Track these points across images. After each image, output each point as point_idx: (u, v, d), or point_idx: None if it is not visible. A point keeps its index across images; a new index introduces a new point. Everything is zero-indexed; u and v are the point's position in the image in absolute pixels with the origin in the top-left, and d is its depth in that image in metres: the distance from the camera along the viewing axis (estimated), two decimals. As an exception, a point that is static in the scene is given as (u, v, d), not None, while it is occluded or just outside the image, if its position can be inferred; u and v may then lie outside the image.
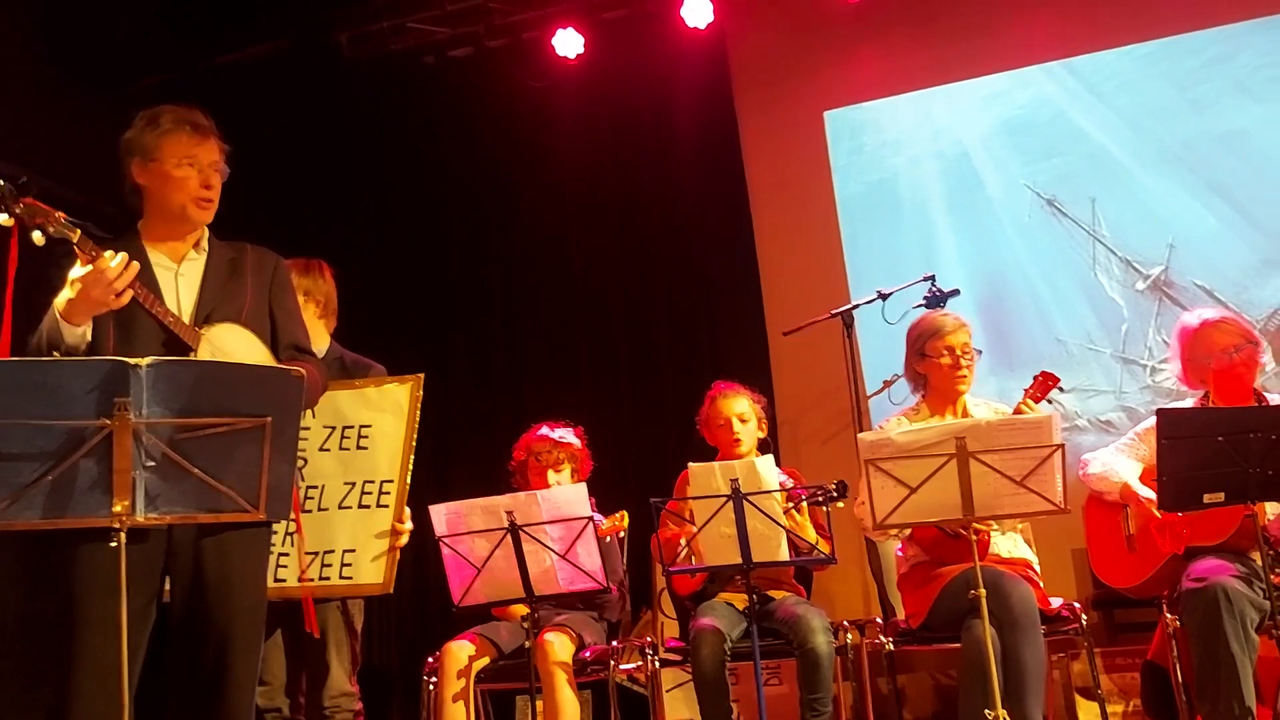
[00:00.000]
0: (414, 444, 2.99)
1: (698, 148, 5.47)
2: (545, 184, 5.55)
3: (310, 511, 2.97)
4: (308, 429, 2.94)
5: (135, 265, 2.28)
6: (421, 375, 3.06)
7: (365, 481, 2.99)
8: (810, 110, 5.52)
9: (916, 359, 3.32)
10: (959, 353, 3.23)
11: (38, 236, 2.21)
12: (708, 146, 5.47)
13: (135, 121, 2.52)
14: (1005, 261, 5.14)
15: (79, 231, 2.26)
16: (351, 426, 3.04)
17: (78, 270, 2.27)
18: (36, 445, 1.97)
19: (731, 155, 5.49)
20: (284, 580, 2.93)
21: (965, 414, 3.28)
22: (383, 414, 3.03)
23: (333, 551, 2.94)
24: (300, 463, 2.90)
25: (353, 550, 2.93)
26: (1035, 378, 3.11)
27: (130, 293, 2.29)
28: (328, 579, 2.94)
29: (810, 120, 5.51)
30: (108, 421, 1.97)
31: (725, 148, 5.48)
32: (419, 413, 3.01)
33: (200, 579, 2.34)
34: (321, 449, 3.03)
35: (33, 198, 2.21)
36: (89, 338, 2.34)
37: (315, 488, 3.00)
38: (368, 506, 2.96)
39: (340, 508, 2.96)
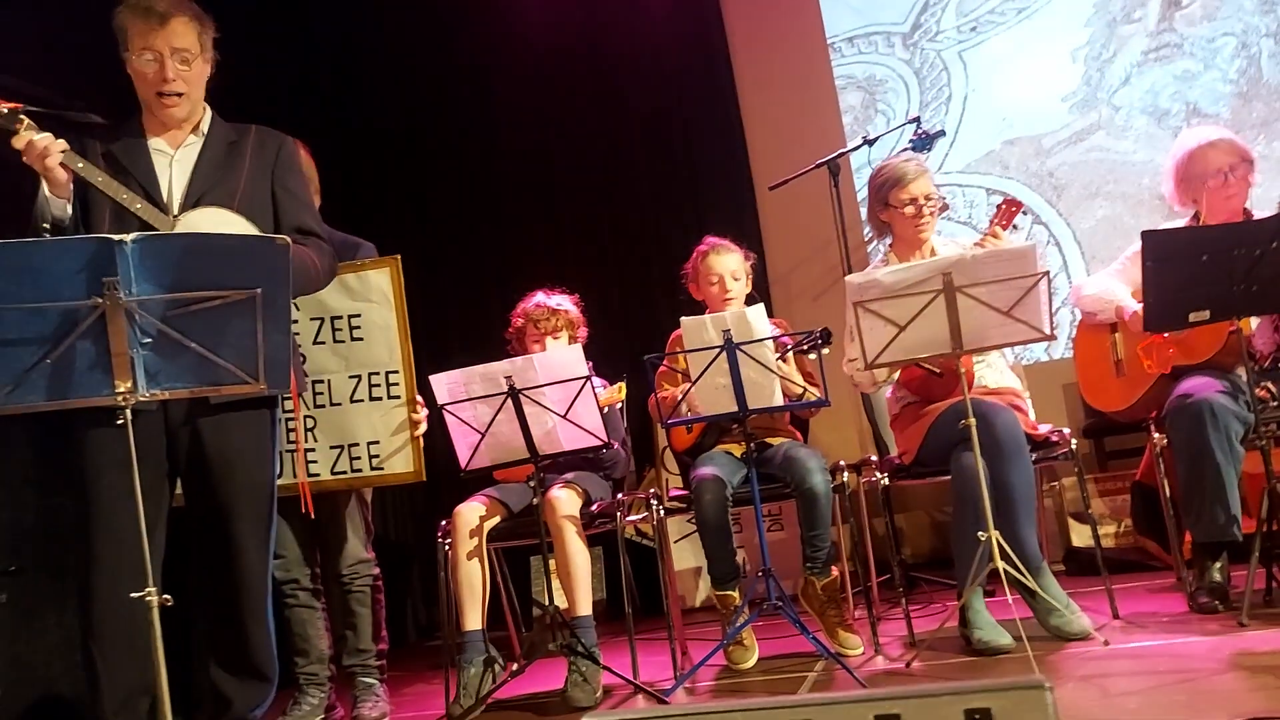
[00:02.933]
0: (409, 329, 3.02)
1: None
2: (519, 43, 5.35)
3: (324, 407, 3.04)
4: (295, 322, 2.94)
5: (60, 142, 2.31)
6: (398, 257, 3.07)
7: (370, 373, 3.04)
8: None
9: (880, 208, 3.31)
10: (922, 201, 3.23)
11: None
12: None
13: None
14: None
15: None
16: (340, 317, 3.06)
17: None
18: (32, 329, 1.99)
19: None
20: (318, 475, 3.01)
21: (934, 255, 3.28)
22: (370, 304, 3.05)
23: (357, 444, 3.02)
24: (300, 359, 2.93)
25: (376, 441, 3.01)
26: (999, 205, 3.11)
27: (60, 157, 2.30)
28: (360, 471, 3.02)
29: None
30: (99, 300, 1.99)
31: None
32: (404, 295, 3.03)
33: (202, 458, 2.41)
34: (316, 342, 3.06)
35: None
36: (70, 211, 2.36)
37: (321, 381, 3.05)
38: (379, 399, 3.02)
39: (353, 401, 3.03)
